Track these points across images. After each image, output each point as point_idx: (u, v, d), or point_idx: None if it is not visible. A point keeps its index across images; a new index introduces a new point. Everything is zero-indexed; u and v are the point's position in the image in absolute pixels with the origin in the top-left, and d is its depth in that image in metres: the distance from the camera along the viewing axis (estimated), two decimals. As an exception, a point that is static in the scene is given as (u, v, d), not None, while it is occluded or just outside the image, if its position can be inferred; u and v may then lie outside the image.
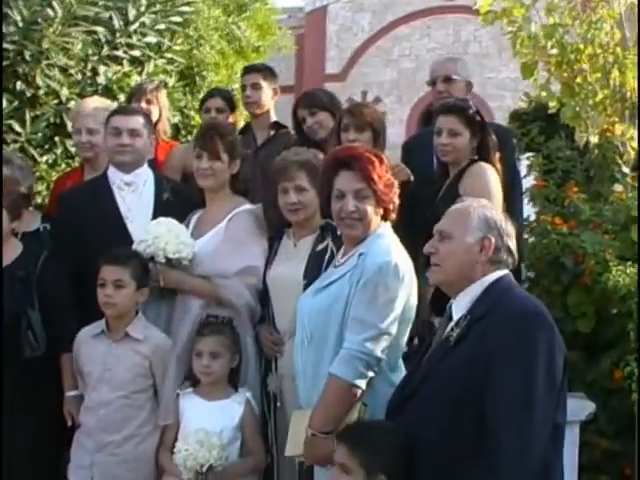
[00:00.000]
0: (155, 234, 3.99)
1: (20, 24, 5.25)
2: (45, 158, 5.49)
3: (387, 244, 3.33)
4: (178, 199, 4.30)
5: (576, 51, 6.05)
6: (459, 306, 2.95)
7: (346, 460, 2.94)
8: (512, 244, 2.99)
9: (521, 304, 2.88)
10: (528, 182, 5.91)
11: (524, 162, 6.44)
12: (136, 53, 5.88)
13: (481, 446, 2.71)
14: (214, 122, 4.76)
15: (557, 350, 2.80)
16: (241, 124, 5.70)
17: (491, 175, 4.24)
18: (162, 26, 6.01)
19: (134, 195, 4.29)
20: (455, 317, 2.94)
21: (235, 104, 5.26)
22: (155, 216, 4.18)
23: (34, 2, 5.28)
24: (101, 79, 5.68)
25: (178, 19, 6.12)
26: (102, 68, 5.69)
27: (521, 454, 2.68)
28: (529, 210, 5.64)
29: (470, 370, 2.77)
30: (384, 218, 3.43)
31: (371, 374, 3.23)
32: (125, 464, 3.86)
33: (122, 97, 5.67)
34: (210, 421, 3.78)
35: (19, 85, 5.40)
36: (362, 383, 3.21)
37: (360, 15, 20.11)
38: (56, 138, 5.54)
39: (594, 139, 6.24)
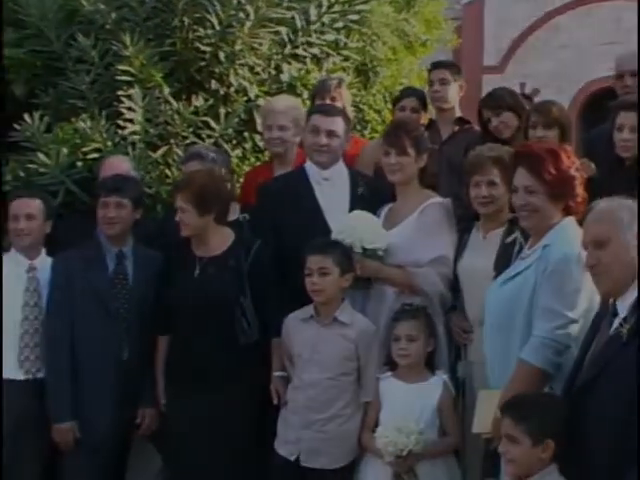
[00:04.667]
0: (353, 226, 4.21)
1: (217, 27, 5.53)
2: (235, 152, 5.70)
3: (570, 236, 3.46)
4: (371, 193, 4.51)
5: None
6: (625, 303, 3.00)
7: (511, 430, 3.12)
8: None
9: None
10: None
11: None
12: (315, 51, 6.03)
13: None
14: (400, 119, 4.93)
15: None
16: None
17: None
18: (340, 24, 6.15)
19: (332, 189, 4.52)
20: (621, 314, 3.00)
21: (427, 104, 5.34)
22: (350, 209, 4.41)
23: (230, 7, 5.51)
24: (285, 77, 5.87)
25: (355, 17, 6.25)
26: (285, 66, 5.90)
27: None
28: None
29: None
30: (567, 211, 3.58)
31: (560, 360, 3.37)
32: (330, 441, 4.05)
33: (305, 94, 5.85)
34: (410, 403, 3.96)
35: (214, 84, 5.69)
36: (551, 369, 3.37)
37: (518, 5, 19.72)
38: (245, 133, 5.76)
39: None
